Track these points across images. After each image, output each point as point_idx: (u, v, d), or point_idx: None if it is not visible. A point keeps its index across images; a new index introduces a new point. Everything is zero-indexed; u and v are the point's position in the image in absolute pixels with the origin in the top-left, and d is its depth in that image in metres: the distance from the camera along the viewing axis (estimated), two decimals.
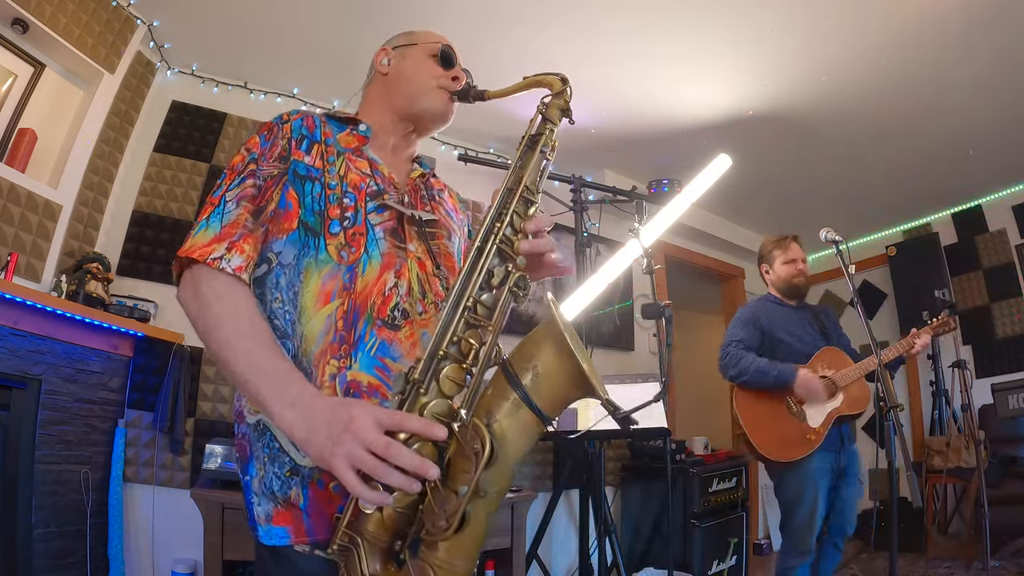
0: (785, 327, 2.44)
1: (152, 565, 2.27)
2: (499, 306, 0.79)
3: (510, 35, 2.52)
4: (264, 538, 0.80)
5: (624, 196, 2.91)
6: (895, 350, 2.28)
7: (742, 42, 2.57)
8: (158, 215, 2.60)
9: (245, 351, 0.76)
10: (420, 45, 1.06)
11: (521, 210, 0.83)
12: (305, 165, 0.91)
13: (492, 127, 3.11)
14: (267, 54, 2.72)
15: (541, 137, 0.88)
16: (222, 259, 0.80)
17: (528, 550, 2.50)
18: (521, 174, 0.85)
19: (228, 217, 0.83)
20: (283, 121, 0.94)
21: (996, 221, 4.10)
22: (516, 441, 0.71)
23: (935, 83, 2.81)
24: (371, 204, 0.92)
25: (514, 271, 0.80)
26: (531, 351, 0.74)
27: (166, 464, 2.36)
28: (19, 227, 2.06)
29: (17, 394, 1.93)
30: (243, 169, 0.88)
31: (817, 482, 2.20)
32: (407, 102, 1.03)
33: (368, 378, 0.82)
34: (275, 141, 0.91)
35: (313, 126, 0.95)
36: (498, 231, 0.81)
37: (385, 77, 1.06)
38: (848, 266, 2.08)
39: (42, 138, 2.25)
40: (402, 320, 0.86)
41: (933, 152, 3.45)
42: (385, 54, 1.08)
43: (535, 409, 0.71)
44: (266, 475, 0.81)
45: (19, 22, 2.10)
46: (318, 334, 0.83)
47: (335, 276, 0.85)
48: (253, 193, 0.86)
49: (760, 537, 4.10)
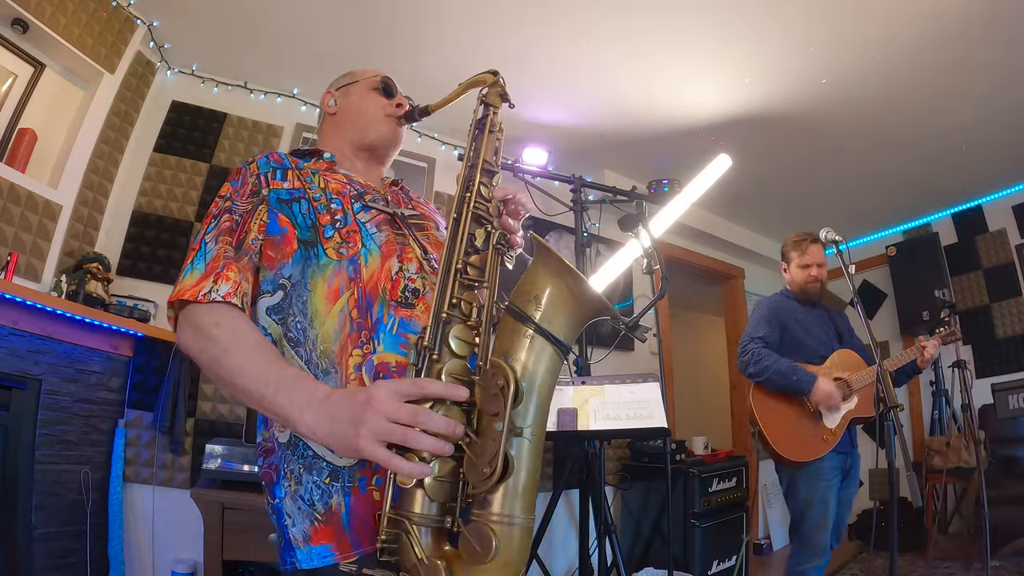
0: (803, 325, 2.43)
1: (152, 565, 2.27)
2: (488, 263, 0.81)
3: (511, 37, 2.52)
4: (304, 562, 0.77)
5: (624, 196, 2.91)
6: (903, 357, 2.28)
7: (742, 43, 2.57)
8: (158, 215, 2.60)
9: (255, 369, 0.76)
10: (361, 81, 1.13)
11: (486, 180, 0.87)
12: (287, 190, 0.94)
13: None
14: (267, 54, 2.72)
15: (487, 119, 0.93)
16: (211, 292, 0.81)
17: None
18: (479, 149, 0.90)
19: (209, 255, 0.85)
20: (248, 163, 0.98)
21: (996, 221, 4.10)
22: (540, 374, 0.70)
23: (935, 83, 2.81)
24: (357, 205, 0.96)
25: (494, 230, 0.84)
26: (531, 284, 0.74)
27: (166, 464, 2.36)
28: (19, 227, 2.06)
29: (17, 394, 1.93)
30: (219, 212, 0.91)
31: (830, 482, 2.21)
32: (358, 134, 1.09)
33: (395, 357, 0.83)
34: (244, 179, 0.95)
35: (280, 159, 0.99)
36: (469, 200, 0.84)
37: (334, 116, 1.13)
38: (848, 266, 2.07)
39: (42, 138, 2.25)
40: (414, 298, 0.88)
41: (933, 152, 3.45)
42: (330, 96, 1.15)
43: (550, 336, 0.70)
44: (303, 488, 0.79)
45: (19, 22, 2.10)
46: (334, 332, 0.84)
47: (338, 272, 0.87)
48: (230, 227, 0.89)
49: (760, 537, 4.10)
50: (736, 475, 3.26)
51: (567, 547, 3.12)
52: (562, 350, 0.71)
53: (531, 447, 0.68)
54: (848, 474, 2.30)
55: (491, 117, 0.93)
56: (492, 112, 0.94)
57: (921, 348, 2.25)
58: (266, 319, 0.88)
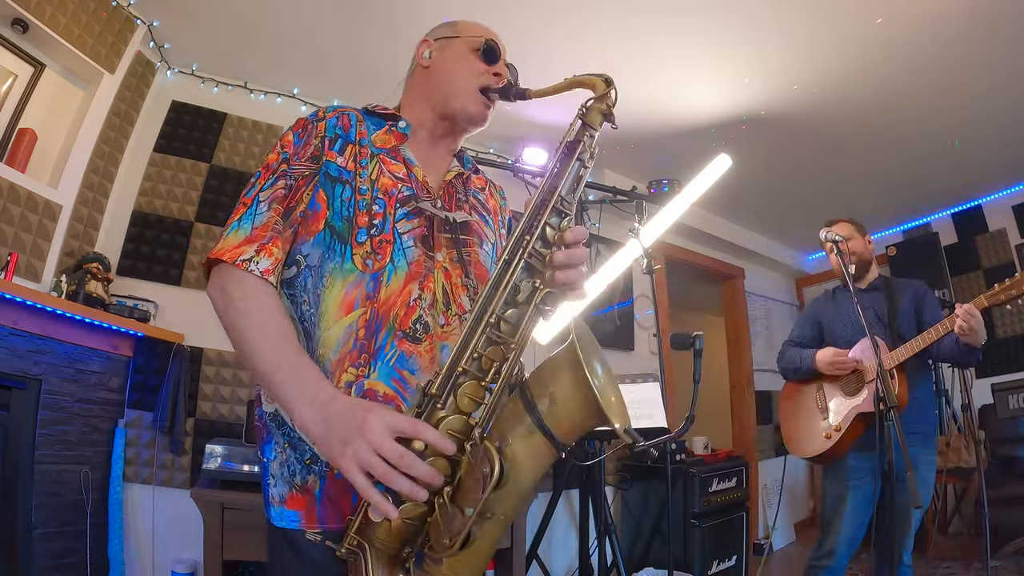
0: (837, 314, 2.37)
1: (152, 565, 2.27)
2: (523, 323, 0.76)
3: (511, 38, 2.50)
4: (276, 519, 0.82)
5: (624, 196, 2.91)
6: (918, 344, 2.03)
7: (742, 43, 2.57)
8: (158, 215, 2.60)
9: (269, 351, 0.77)
10: (463, 38, 1.01)
11: (554, 222, 0.79)
12: (337, 166, 0.90)
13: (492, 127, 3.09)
14: (267, 54, 2.72)
15: (579, 144, 0.82)
16: (251, 261, 0.81)
17: (528, 550, 2.50)
18: (556, 183, 0.80)
19: (259, 219, 0.84)
20: (318, 119, 0.93)
21: (996, 221, 4.10)
22: (528, 465, 0.71)
23: (935, 83, 2.81)
24: (401, 211, 0.90)
25: (541, 287, 0.77)
26: (549, 375, 0.72)
27: (166, 464, 2.36)
28: (19, 227, 2.06)
29: (17, 394, 1.93)
30: (276, 168, 0.88)
31: (849, 482, 2.14)
32: (443, 100, 0.99)
33: (385, 388, 0.82)
34: (308, 140, 0.91)
35: (348, 125, 0.94)
36: (527, 244, 0.77)
37: (426, 71, 1.02)
38: (848, 266, 2.07)
39: (42, 138, 2.25)
40: (423, 334, 0.85)
41: (933, 152, 3.45)
42: (427, 46, 1.04)
43: (549, 435, 0.70)
44: (287, 459, 0.83)
45: (19, 22, 2.10)
46: (337, 342, 0.83)
47: (359, 285, 0.85)
48: (283, 194, 0.87)
49: (760, 537, 4.10)
50: (736, 475, 3.26)
51: (567, 547, 3.12)
52: (558, 449, 0.71)
53: (497, 527, 0.70)
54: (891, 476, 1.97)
55: (585, 141, 0.82)
56: (588, 135, 0.82)
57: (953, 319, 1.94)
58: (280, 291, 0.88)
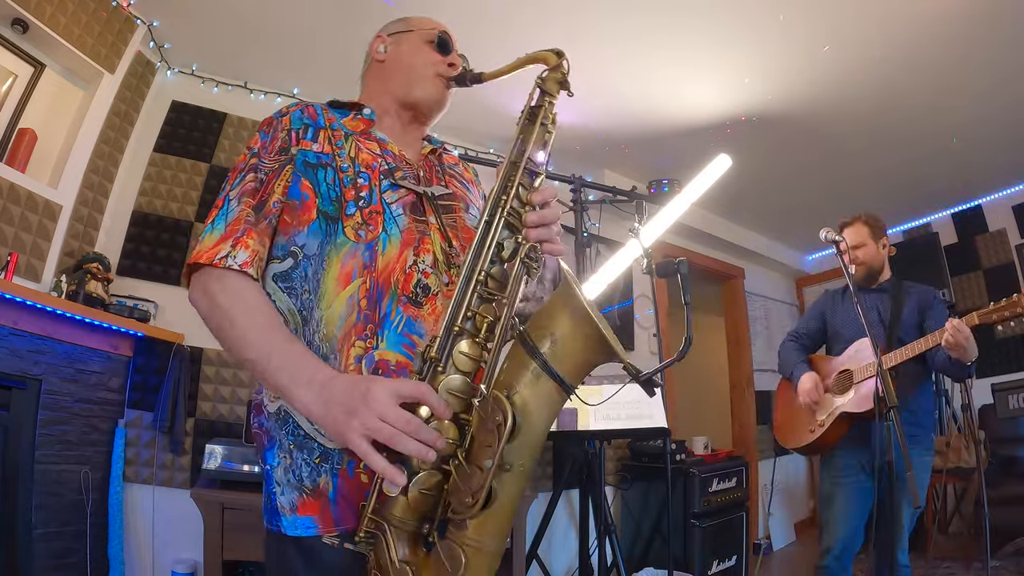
0: (844, 313, 2.39)
1: (152, 565, 2.27)
2: (511, 279, 0.78)
3: (510, 37, 2.52)
4: (289, 529, 0.79)
5: (624, 196, 2.91)
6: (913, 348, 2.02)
7: (742, 43, 2.57)
8: (158, 215, 2.60)
9: (259, 341, 0.77)
10: (416, 31, 1.05)
11: (526, 182, 0.83)
12: (314, 153, 0.90)
13: (492, 127, 3.11)
14: (267, 54, 2.72)
15: (540, 110, 0.86)
16: (227, 257, 0.81)
17: (528, 550, 2.49)
18: (524, 147, 0.84)
19: (231, 215, 0.84)
20: (281, 115, 0.94)
21: (996, 221, 4.10)
22: (539, 411, 0.70)
23: (935, 83, 2.81)
24: (385, 183, 0.91)
25: (524, 242, 0.79)
26: (548, 319, 0.73)
27: (166, 464, 2.36)
28: (19, 227, 2.06)
29: (17, 394, 1.93)
30: (244, 167, 0.89)
31: (840, 479, 2.16)
32: (403, 89, 1.02)
33: (396, 356, 0.82)
34: (274, 134, 0.91)
35: (315, 114, 0.95)
36: (505, 204, 0.80)
37: (381, 64, 1.06)
38: (848, 266, 2.07)
39: (42, 138, 2.25)
40: (423, 297, 0.86)
41: (933, 152, 3.45)
42: (381, 41, 1.07)
43: (555, 376, 0.70)
44: (293, 463, 0.81)
45: (19, 22, 2.10)
46: (339, 317, 0.83)
47: (354, 255, 0.85)
48: (254, 187, 0.87)
49: (760, 537, 4.10)
50: (736, 475, 3.26)
51: (567, 547, 3.12)
52: (566, 390, 0.71)
53: (516, 480, 0.70)
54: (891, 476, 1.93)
55: (545, 107, 0.87)
56: (548, 101, 0.87)
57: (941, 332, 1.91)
58: (272, 285, 0.87)
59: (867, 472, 2.13)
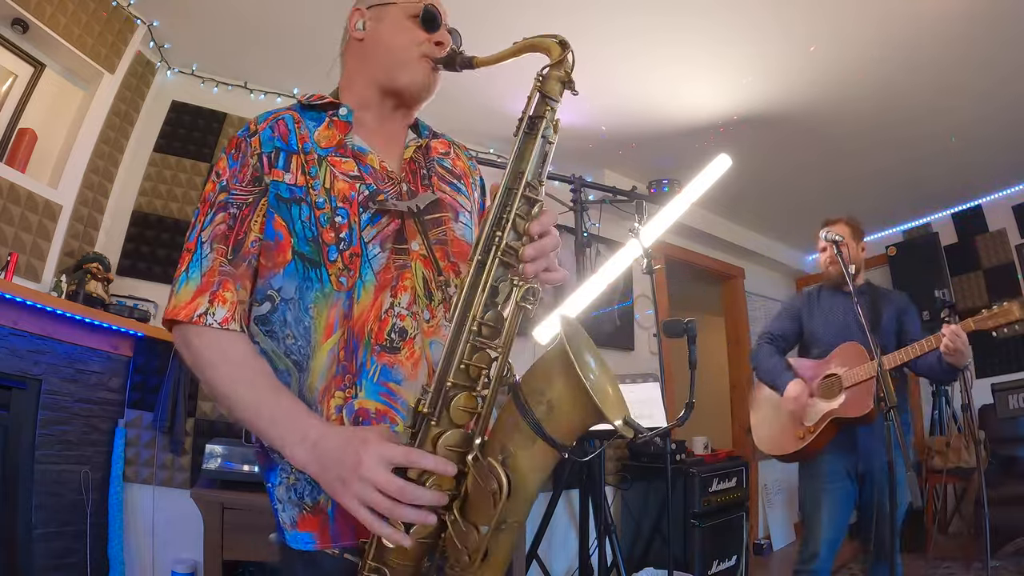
0: (820, 316, 2.35)
1: (152, 565, 2.27)
2: (507, 325, 0.73)
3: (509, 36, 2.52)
4: (291, 542, 0.80)
5: (624, 196, 2.91)
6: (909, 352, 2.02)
7: (742, 43, 2.57)
8: (158, 215, 2.60)
9: (246, 398, 0.76)
10: (398, 4, 0.92)
11: (523, 211, 0.75)
12: (287, 186, 0.84)
13: (492, 127, 3.10)
14: (267, 54, 2.72)
15: (541, 120, 0.77)
16: (207, 314, 0.78)
17: (528, 550, 2.50)
18: (521, 167, 0.76)
19: (205, 264, 0.80)
20: (250, 133, 0.87)
21: (996, 221, 4.10)
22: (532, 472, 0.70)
23: (935, 84, 2.81)
24: (365, 216, 0.84)
25: (520, 283, 0.73)
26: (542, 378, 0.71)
27: (166, 464, 2.36)
28: (19, 227, 2.06)
29: (17, 394, 1.93)
30: (214, 201, 0.83)
31: (826, 484, 2.14)
32: (386, 74, 0.91)
33: (375, 404, 0.80)
34: (244, 160, 0.85)
35: (287, 132, 0.87)
36: (500, 241, 0.73)
37: (360, 43, 0.94)
38: (848, 266, 2.07)
39: (42, 138, 2.25)
40: (400, 341, 0.82)
41: (933, 152, 3.45)
42: (359, 15, 0.94)
43: (549, 440, 0.69)
44: (296, 482, 0.80)
45: (19, 22, 2.10)
46: (322, 368, 0.81)
47: (336, 305, 0.82)
48: (225, 230, 0.82)
49: (760, 537, 4.10)
50: (736, 475, 3.26)
51: (567, 547, 3.12)
52: (560, 452, 0.70)
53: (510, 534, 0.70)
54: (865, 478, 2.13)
55: (547, 117, 0.77)
56: (549, 108, 0.77)
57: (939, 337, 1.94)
58: (254, 328, 0.85)
59: (852, 477, 2.16)
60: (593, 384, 0.68)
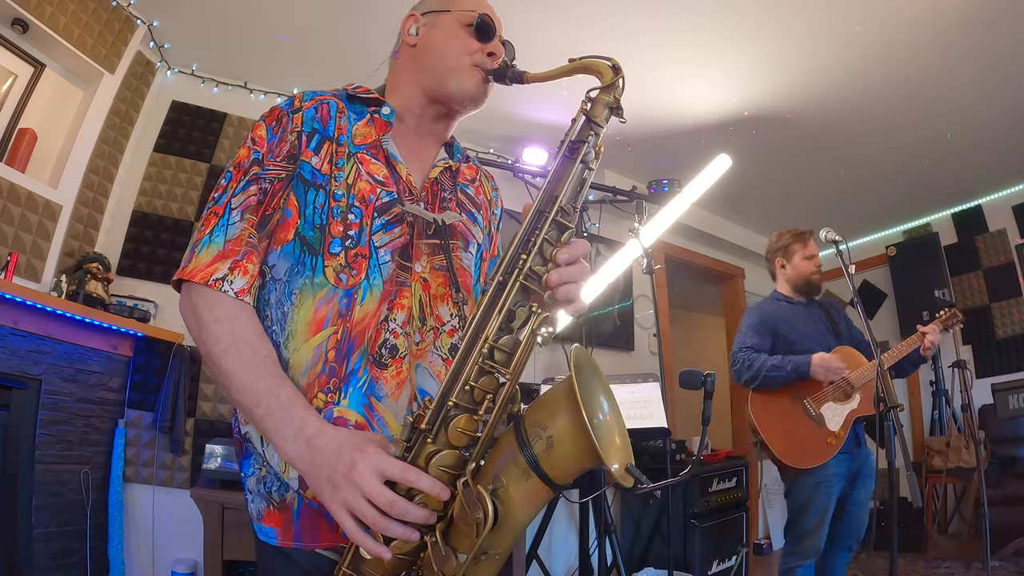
0: (796, 327, 2.36)
1: (152, 565, 2.27)
2: (518, 352, 0.70)
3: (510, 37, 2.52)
4: (258, 533, 0.80)
5: (624, 196, 2.91)
6: (903, 349, 2.21)
7: (743, 43, 2.57)
8: (158, 215, 2.60)
9: (247, 382, 0.73)
10: (453, 12, 0.92)
11: (552, 236, 0.71)
12: (311, 168, 0.83)
13: (492, 127, 3.10)
14: (267, 54, 2.72)
15: (583, 145, 0.73)
16: (224, 280, 0.76)
17: (528, 550, 2.50)
18: (555, 190, 0.72)
19: (232, 231, 0.78)
20: (294, 110, 0.85)
21: (996, 221, 4.10)
22: (524, 507, 0.68)
23: (936, 84, 2.81)
24: (378, 221, 0.83)
25: (538, 312, 0.70)
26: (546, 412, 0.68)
27: (166, 464, 2.36)
28: (19, 227, 2.06)
29: (17, 394, 1.93)
30: (248, 169, 0.82)
31: (831, 487, 2.16)
32: (435, 81, 0.90)
33: (356, 416, 0.77)
34: (283, 136, 0.84)
35: (327, 117, 0.86)
36: (524, 264, 0.70)
37: (413, 49, 0.93)
38: (848, 266, 2.07)
39: (42, 138, 2.25)
40: (389, 358, 0.80)
41: (933, 152, 3.45)
42: (414, 21, 0.95)
43: (544, 478, 0.66)
44: (267, 476, 0.80)
45: (19, 22, 2.10)
46: (305, 363, 0.78)
47: (330, 301, 0.79)
48: (257, 202, 0.81)
49: (760, 537, 4.10)
50: (736, 475, 3.25)
51: (567, 547, 3.12)
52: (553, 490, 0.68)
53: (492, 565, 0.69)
54: (857, 475, 2.21)
55: (590, 141, 0.73)
56: (593, 133, 0.73)
57: (921, 335, 2.18)
58: None
59: (846, 479, 2.21)
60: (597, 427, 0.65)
